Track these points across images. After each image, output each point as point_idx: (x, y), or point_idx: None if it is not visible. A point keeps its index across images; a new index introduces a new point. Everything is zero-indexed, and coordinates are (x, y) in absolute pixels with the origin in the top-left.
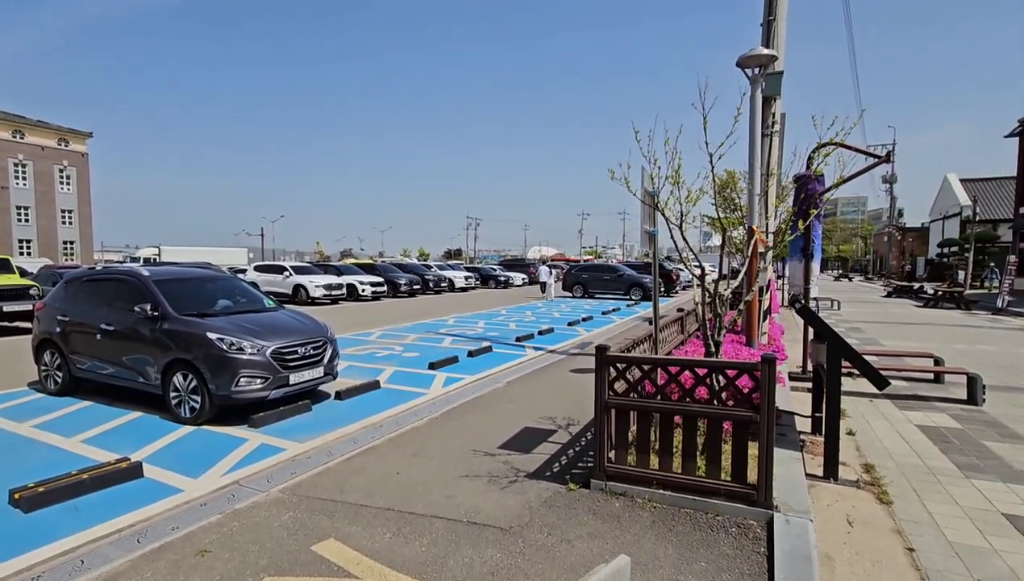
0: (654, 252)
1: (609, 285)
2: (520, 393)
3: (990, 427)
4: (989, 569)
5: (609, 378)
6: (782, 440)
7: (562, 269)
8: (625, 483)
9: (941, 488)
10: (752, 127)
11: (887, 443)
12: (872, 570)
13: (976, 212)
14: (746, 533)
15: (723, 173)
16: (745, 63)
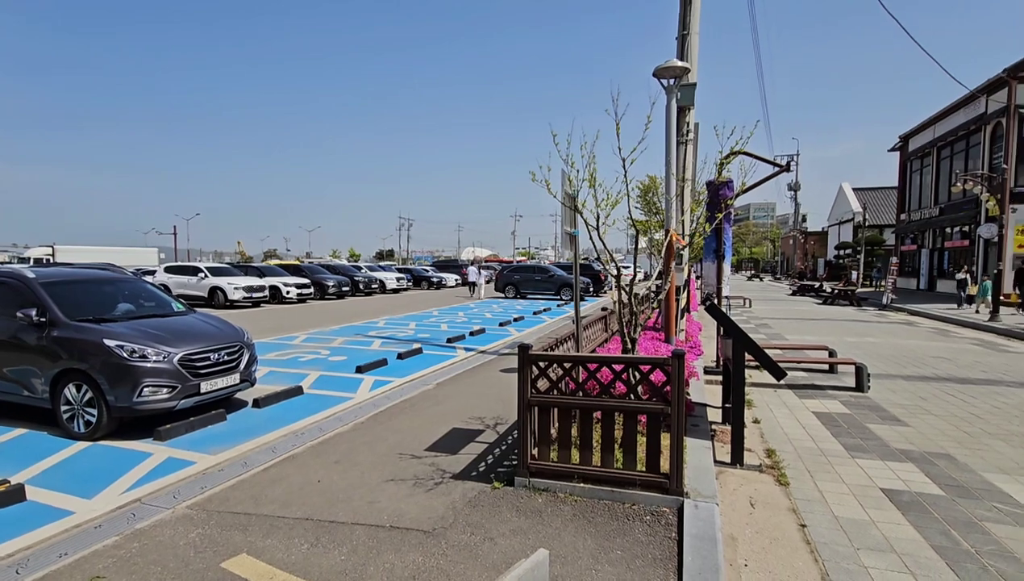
0: (575, 253)
1: (540, 286)
2: (450, 394)
3: (873, 411)
4: (867, 539)
5: (531, 376)
6: (695, 430)
7: (495, 270)
8: (548, 479)
9: (831, 468)
10: (668, 135)
11: (787, 429)
12: (769, 547)
13: (866, 218)
14: (659, 520)
15: (646, 178)
16: (661, 74)
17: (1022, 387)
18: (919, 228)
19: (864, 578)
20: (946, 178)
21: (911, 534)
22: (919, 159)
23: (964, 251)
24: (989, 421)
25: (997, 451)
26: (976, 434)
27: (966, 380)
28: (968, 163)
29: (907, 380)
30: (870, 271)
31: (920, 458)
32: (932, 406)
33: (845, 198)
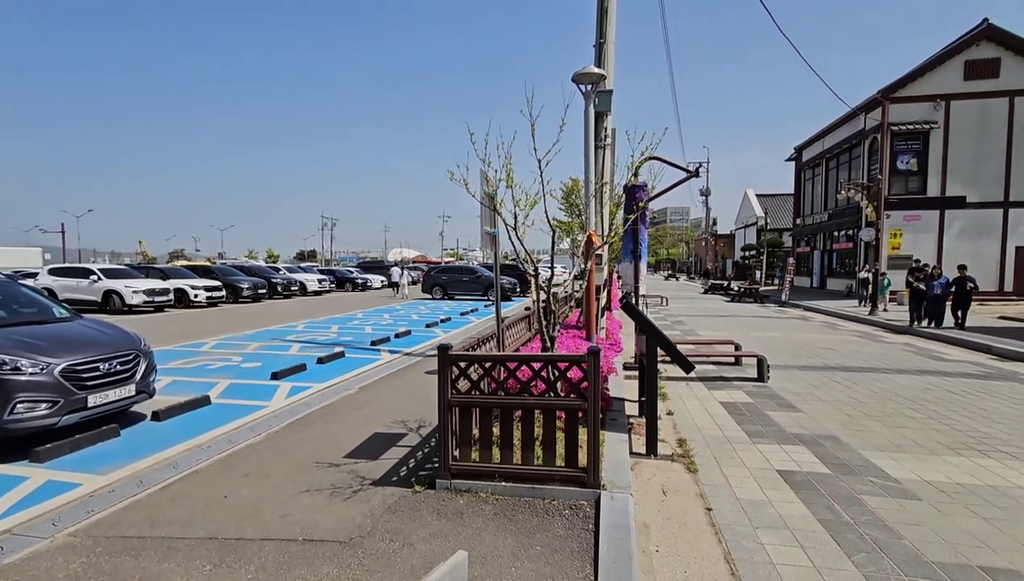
0: (495, 253)
1: (468, 286)
2: (372, 398)
3: (772, 399)
4: (764, 518)
5: (452, 377)
6: (613, 424)
7: (422, 271)
8: (469, 479)
9: (735, 454)
10: (587, 139)
11: (697, 419)
12: (679, 532)
13: (767, 222)
14: (577, 513)
15: (568, 180)
16: (579, 79)
17: (895, 373)
18: (812, 232)
19: (761, 555)
20: (834, 187)
21: (802, 511)
22: (811, 169)
23: (849, 253)
24: (867, 404)
25: (873, 431)
26: (857, 416)
27: (849, 368)
28: (851, 173)
29: (801, 370)
30: (772, 271)
31: (810, 440)
32: (821, 393)
33: (749, 203)
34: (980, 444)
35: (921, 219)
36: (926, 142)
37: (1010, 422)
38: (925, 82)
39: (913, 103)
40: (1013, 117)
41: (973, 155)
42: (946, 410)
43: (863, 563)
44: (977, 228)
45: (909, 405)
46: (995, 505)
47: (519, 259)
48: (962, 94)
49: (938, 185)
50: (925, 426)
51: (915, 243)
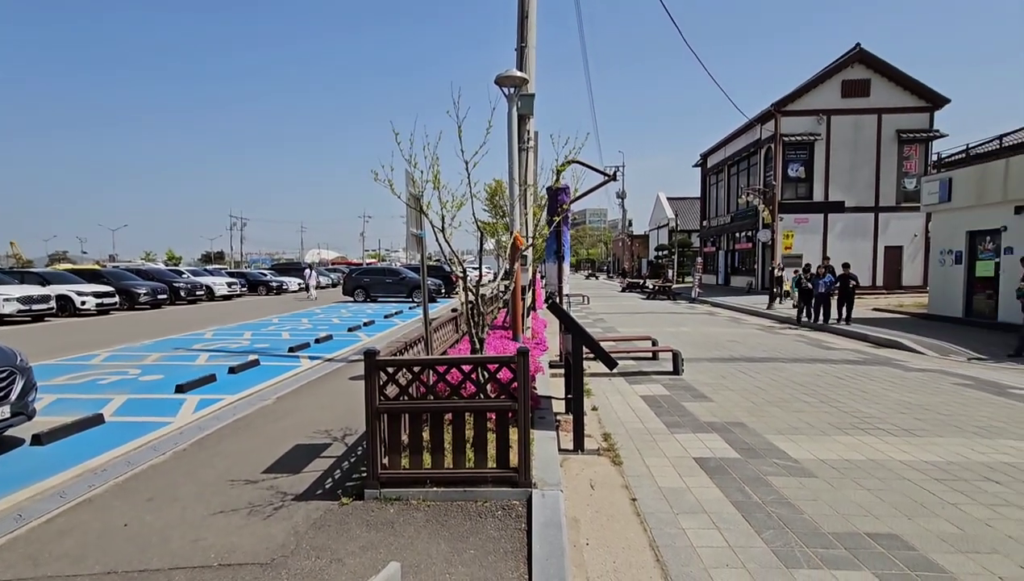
0: (422, 255)
1: (392, 288)
2: (292, 408)
3: (687, 391)
4: (684, 504)
5: (379, 383)
6: (541, 422)
7: (342, 273)
8: (400, 487)
9: (655, 445)
10: (510, 141)
11: (620, 413)
12: (607, 523)
13: (677, 224)
14: (510, 513)
15: (493, 182)
16: (502, 82)
17: (791, 362)
18: (717, 233)
19: (683, 539)
20: (735, 191)
21: (717, 495)
22: (715, 174)
23: (749, 252)
24: (769, 391)
25: (775, 416)
26: (760, 403)
27: (752, 359)
28: (750, 179)
29: (711, 362)
30: (684, 270)
31: (722, 427)
32: (729, 383)
33: (661, 206)
34: (863, 423)
35: (809, 222)
36: (812, 152)
37: (885, 402)
38: (810, 98)
39: (800, 116)
40: (881, 132)
41: (850, 164)
42: (834, 394)
43: (771, 539)
44: (854, 230)
45: (804, 391)
46: (875, 477)
47: (445, 260)
48: (840, 110)
49: (822, 191)
50: (818, 409)
51: (804, 243)
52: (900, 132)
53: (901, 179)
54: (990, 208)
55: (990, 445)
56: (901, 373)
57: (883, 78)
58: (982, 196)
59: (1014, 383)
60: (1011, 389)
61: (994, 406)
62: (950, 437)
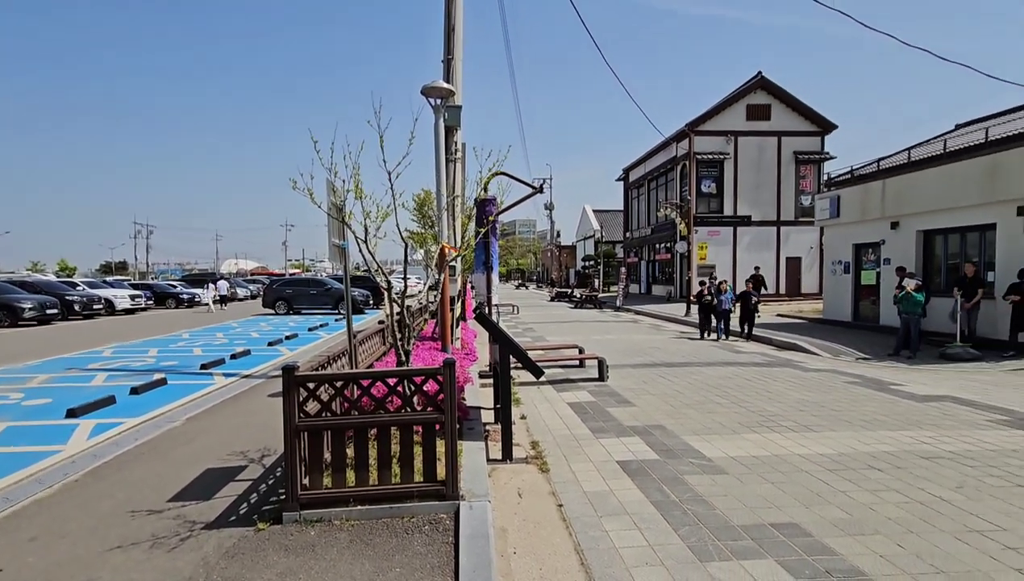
0: (345, 266)
1: (316, 300)
2: (204, 429)
3: (611, 396)
4: (608, 506)
5: (299, 399)
6: (470, 433)
7: (263, 284)
8: (322, 507)
9: (581, 450)
10: (437, 152)
11: (547, 421)
12: (534, 531)
13: (603, 235)
14: (437, 527)
15: (421, 192)
16: (428, 93)
17: (706, 365)
18: (639, 244)
19: (606, 541)
20: (655, 205)
21: (638, 496)
22: (636, 188)
23: (668, 263)
24: (686, 394)
25: (691, 418)
26: (678, 406)
27: (671, 364)
28: (668, 194)
29: (634, 367)
30: (609, 279)
31: (643, 431)
32: (651, 387)
33: (588, 218)
34: (768, 421)
35: (720, 234)
36: (722, 170)
37: (787, 401)
38: (720, 119)
39: (711, 136)
40: (781, 153)
41: (755, 182)
42: (743, 394)
43: (687, 535)
44: (760, 242)
45: (717, 392)
46: (778, 471)
47: (372, 271)
48: (746, 132)
49: (731, 206)
50: (729, 410)
51: (717, 254)
52: (797, 153)
53: (798, 196)
54: (871, 223)
55: (873, 436)
56: (800, 373)
57: (782, 104)
58: (865, 212)
59: (893, 380)
60: (891, 385)
61: (877, 401)
62: (841, 431)
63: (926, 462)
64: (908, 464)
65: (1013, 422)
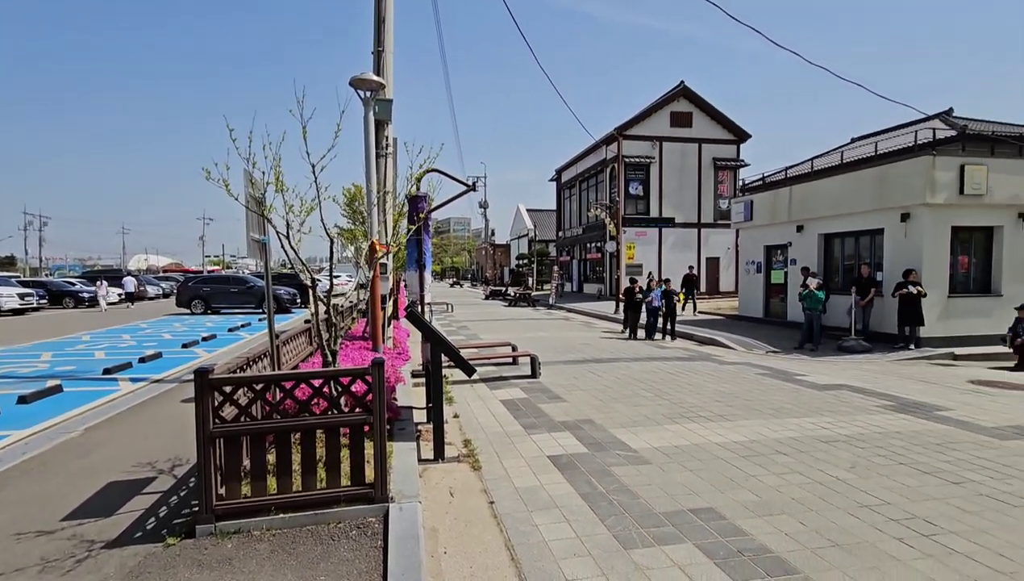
0: (266, 262)
1: (238, 298)
2: (106, 439)
3: (543, 393)
4: (538, 501)
5: (214, 404)
6: (401, 434)
7: (177, 281)
8: (240, 518)
9: (513, 447)
10: (367, 146)
11: (480, 419)
12: (465, 530)
13: (536, 234)
14: (365, 532)
15: (352, 186)
16: (357, 85)
17: (633, 361)
18: (571, 243)
19: (536, 535)
20: (586, 205)
21: (567, 489)
22: (569, 189)
23: (599, 262)
24: (614, 389)
25: (619, 411)
26: (607, 400)
27: (600, 359)
28: (598, 195)
29: (565, 364)
30: (543, 277)
31: (573, 425)
32: (581, 383)
33: (521, 217)
34: (688, 412)
35: (647, 235)
36: (648, 173)
37: (706, 393)
38: (646, 125)
39: (639, 141)
40: (701, 158)
41: (678, 185)
42: (667, 388)
43: (613, 525)
44: (683, 243)
45: (643, 386)
46: (697, 459)
47: (296, 267)
48: (670, 137)
49: (657, 208)
50: (653, 402)
51: (644, 254)
52: (716, 160)
53: (717, 200)
54: (780, 227)
55: (780, 424)
56: (718, 367)
57: (702, 113)
58: (774, 217)
59: (798, 371)
60: (796, 376)
61: (784, 391)
62: (753, 419)
63: (825, 445)
64: (809, 448)
65: (897, 407)
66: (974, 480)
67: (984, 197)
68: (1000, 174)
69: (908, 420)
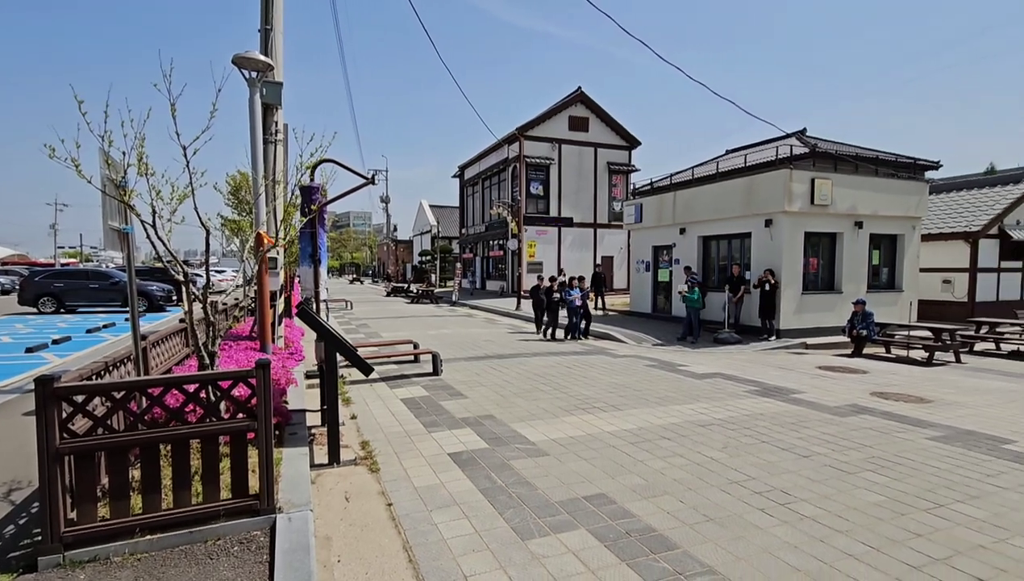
0: (129, 254)
1: (99, 296)
2: None
3: (444, 390)
4: (438, 499)
5: (61, 417)
6: (293, 439)
7: (21, 276)
8: (95, 544)
9: (413, 446)
10: (253, 131)
11: (380, 419)
12: (361, 535)
13: (439, 231)
14: (249, 547)
15: (237, 174)
16: (241, 64)
17: (533, 356)
18: (474, 241)
19: (435, 534)
20: (488, 203)
21: (468, 486)
22: (472, 186)
23: (501, 259)
24: (515, 384)
25: (519, 406)
26: (508, 395)
27: (502, 356)
28: (501, 193)
29: (468, 361)
30: (446, 274)
31: (474, 422)
32: (483, 379)
33: (424, 213)
34: (584, 404)
35: (548, 234)
36: (548, 174)
37: (600, 385)
38: (546, 127)
39: (539, 142)
40: (597, 162)
41: (576, 187)
42: (565, 381)
43: (511, 517)
44: (581, 242)
45: (542, 381)
46: (591, 448)
47: (164, 260)
48: (568, 140)
49: (557, 208)
50: (552, 396)
51: (545, 252)
52: (610, 164)
53: (611, 202)
54: (666, 229)
55: (665, 411)
56: (611, 360)
57: (598, 118)
58: (660, 219)
59: (681, 362)
60: (679, 366)
61: (668, 381)
62: (642, 408)
63: (702, 429)
64: (689, 432)
65: (761, 392)
66: (820, 453)
67: (829, 207)
68: (841, 188)
69: (770, 403)
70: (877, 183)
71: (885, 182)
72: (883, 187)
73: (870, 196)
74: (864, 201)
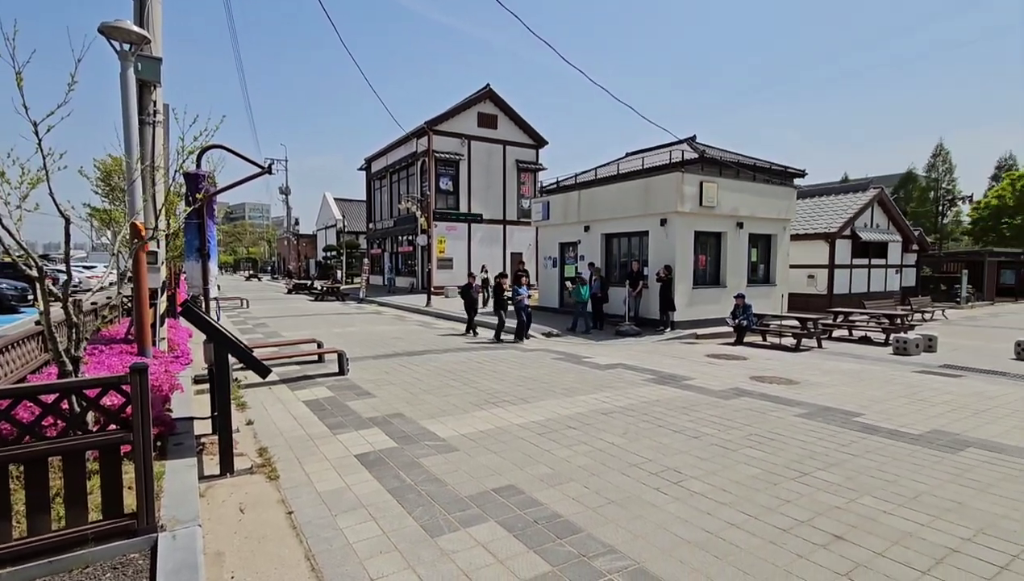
0: None
1: None
2: None
3: (351, 390)
4: (343, 503)
5: None
6: (178, 449)
7: None
8: None
9: (317, 449)
10: (126, 110)
11: (280, 423)
12: (258, 547)
13: (345, 225)
14: (125, 572)
15: (109, 158)
16: (110, 33)
17: (444, 352)
18: (382, 236)
19: (340, 540)
20: (397, 197)
21: (375, 487)
22: (379, 180)
23: (411, 255)
24: (426, 381)
25: (429, 403)
26: (418, 392)
27: (412, 353)
28: (409, 188)
29: (376, 359)
30: (352, 270)
31: (383, 421)
32: (392, 377)
33: (329, 206)
34: (494, 398)
35: (457, 229)
36: (458, 170)
37: (510, 379)
38: (456, 122)
39: (449, 137)
40: (506, 160)
41: (486, 184)
42: (475, 377)
43: (421, 515)
44: (490, 238)
45: (453, 377)
46: (500, 441)
47: (26, 256)
48: (478, 137)
49: (466, 204)
50: (462, 391)
51: (455, 248)
52: (519, 161)
53: (520, 199)
54: (571, 226)
55: (571, 402)
56: (521, 354)
57: (506, 116)
58: (566, 217)
59: (586, 354)
60: (584, 359)
61: (574, 372)
62: (549, 400)
63: (604, 417)
64: (593, 421)
65: (658, 379)
66: (708, 433)
67: (715, 209)
68: (725, 191)
69: (665, 390)
70: (755, 188)
71: (761, 187)
72: (760, 191)
73: (749, 199)
74: (744, 204)
